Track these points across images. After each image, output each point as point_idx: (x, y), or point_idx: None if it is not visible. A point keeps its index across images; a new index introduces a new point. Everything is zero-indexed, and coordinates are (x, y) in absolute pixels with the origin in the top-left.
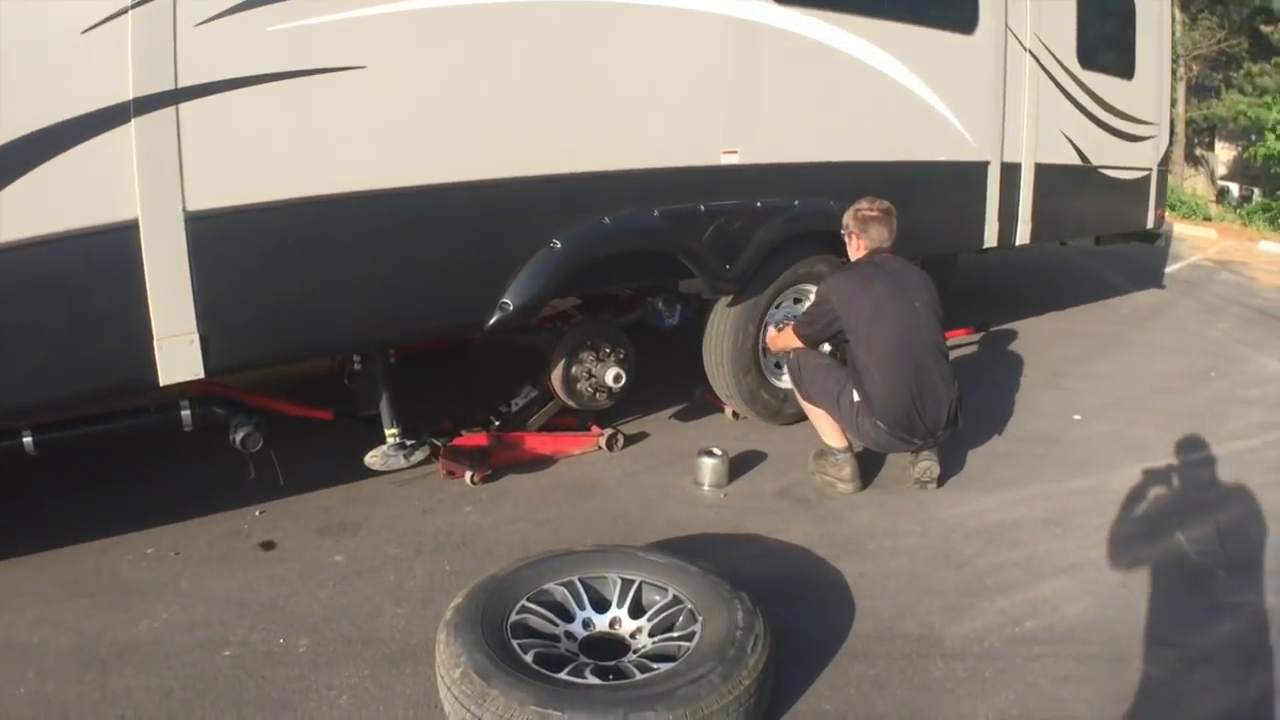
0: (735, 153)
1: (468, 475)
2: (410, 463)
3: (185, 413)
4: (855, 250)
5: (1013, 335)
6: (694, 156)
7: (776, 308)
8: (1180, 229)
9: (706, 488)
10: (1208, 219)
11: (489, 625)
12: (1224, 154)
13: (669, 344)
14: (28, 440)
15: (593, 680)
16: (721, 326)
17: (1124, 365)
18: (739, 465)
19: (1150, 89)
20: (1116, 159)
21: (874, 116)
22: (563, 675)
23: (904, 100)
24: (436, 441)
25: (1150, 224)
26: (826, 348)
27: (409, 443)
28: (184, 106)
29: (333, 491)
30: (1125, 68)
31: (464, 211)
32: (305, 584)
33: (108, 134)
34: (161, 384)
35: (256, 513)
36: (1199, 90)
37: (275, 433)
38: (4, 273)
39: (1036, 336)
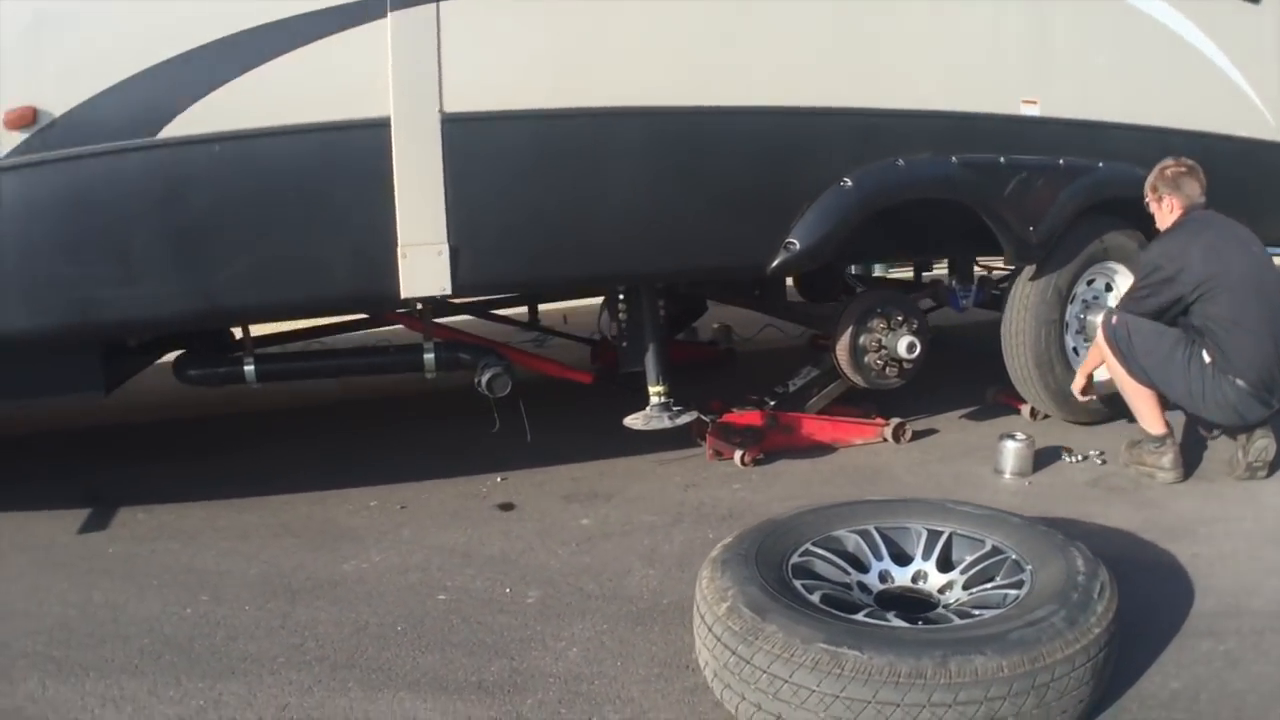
0: (1035, 103)
1: (737, 455)
2: (675, 424)
3: (429, 355)
4: (1169, 211)
5: None
6: (993, 103)
7: (1088, 284)
8: None
9: (1008, 475)
10: None
11: (765, 563)
12: None
13: (956, 348)
14: (249, 369)
15: (898, 623)
16: (1023, 308)
17: None
18: (1040, 459)
19: None
20: None
21: (1173, 80)
22: (859, 617)
23: (1201, 67)
24: (705, 418)
25: None
26: None
27: (675, 406)
28: (445, 3)
29: (584, 465)
30: None
31: (748, 138)
32: (544, 542)
33: (362, 26)
34: (403, 296)
35: (498, 479)
36: None
37: (527, 399)
38: (241, 160)
39: None
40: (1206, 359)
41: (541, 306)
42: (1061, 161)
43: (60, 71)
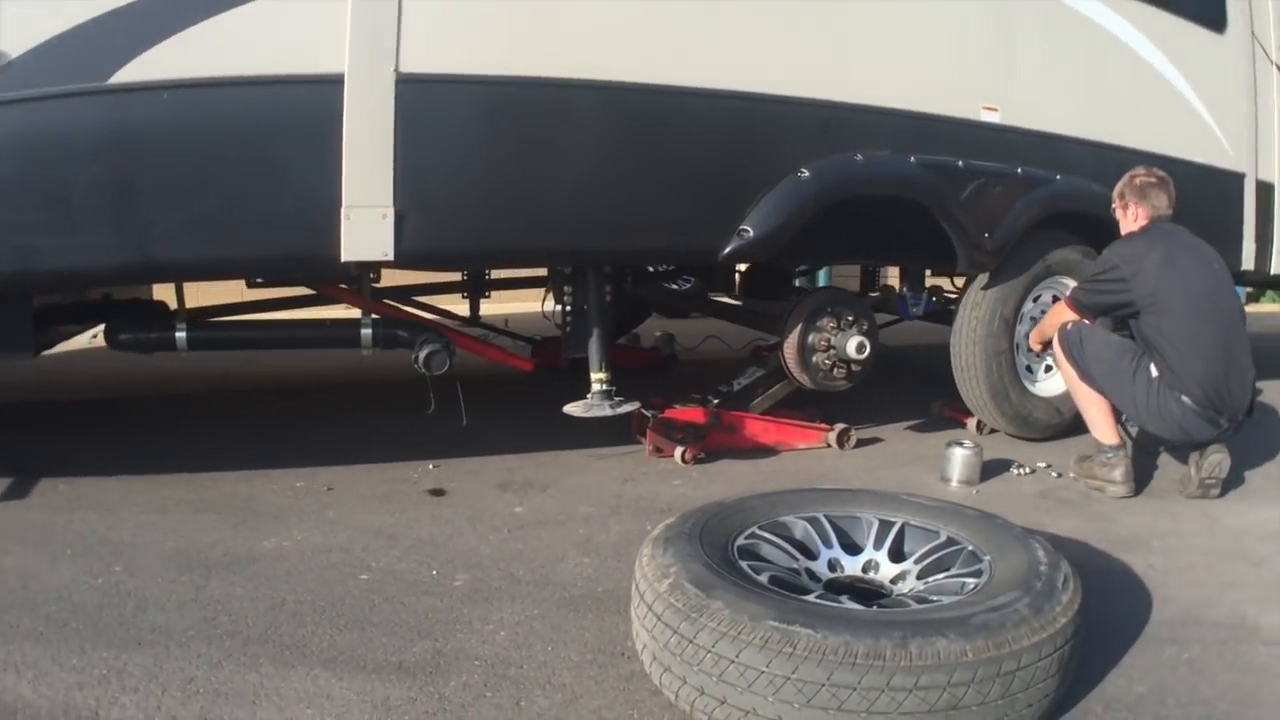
0: (995, 110)
1: (678, 452)
2: (617, 413)
3: (366, 331)
4: (1133, 220)
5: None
6: (954, 106)
7: (1034, 301)
8: None
9: (955, 483)
10: None
11: (709, 543)
12: None
13: (902, 363)
14: (180, 336)
15: (853, 606)
16: (973, 319)
17: None
18: (988, 470)
19: None
20: None
21: (1133, 100)
22: (811, 598)
23: (1162, 90)
24: (646, 412)
25: None
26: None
27: (618, 395)
28: None
29: (520, 456)
30: None
31: (709, 121)
32: (474, 528)
33: None
34: (343, 260)
35: (430, 466)
36: None
37: (465, 389)
38: (190, 109)
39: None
40: (1154, 372)
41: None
42: (1019, 170)
43: (21, 11)
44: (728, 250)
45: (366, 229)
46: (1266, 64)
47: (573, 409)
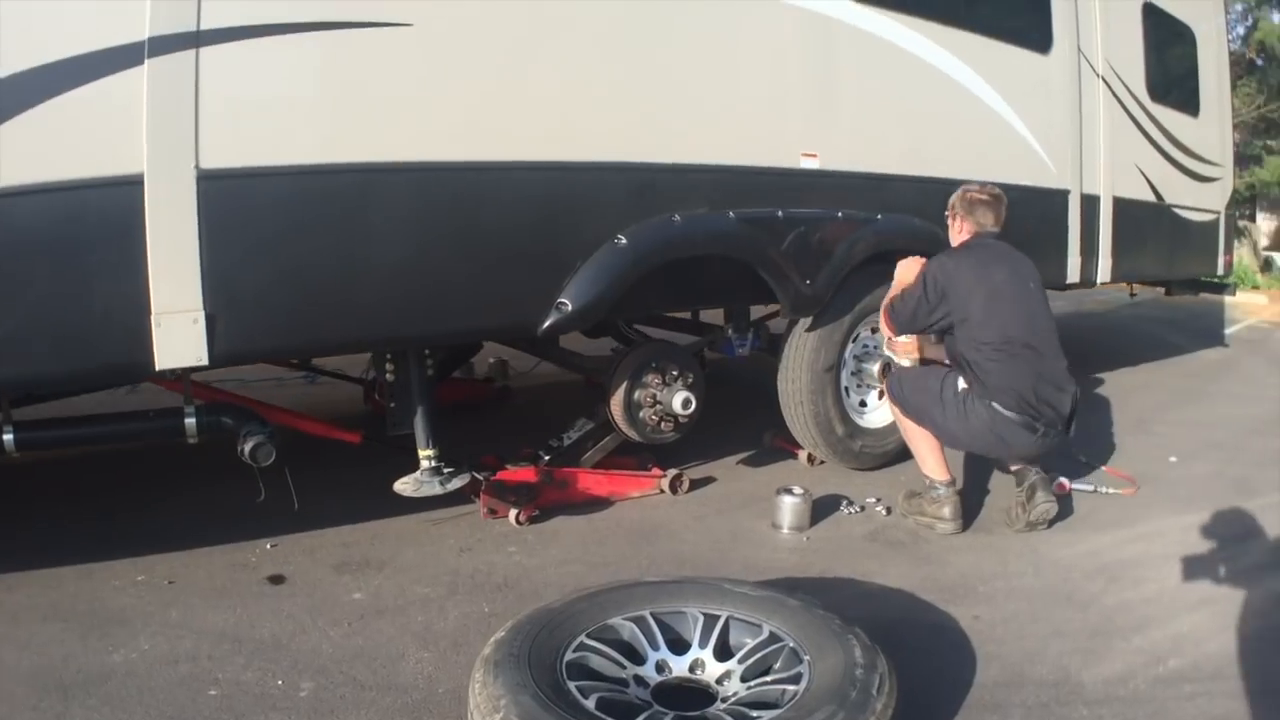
0: (815, 156)
1: (512, 514)
2: (447, 489)
3: (190, 420)
4: (958, 233)
5: (1090, 385)
6: (771, 156)
7: (853, 341)
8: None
9: (786, 530)
10: (1256, 287)
11: (538, 664)
12: (1265, 224)
13: (732, 386)
14: (8, 438)
15: None
16: (798, 358)
17: (1208, 412)
18: (819, 509)
19: (1214, 127)
20: (1187, 198)
21: (956, 131)
22: None
23: (985, 118)
24: (478, 475)
25: (1220, 269)
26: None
27: (446, 469)
28: (205, 51)
29: (356, 528)
30: (1191, 104)
31: (519, 195)
32: (315, 621)
33: (117, 75)
34: (158, 368)
35: (267, 546)
36: (1240, 160)
37: (294, 462)
38: None
39: (1114, 388)
40: (961, 385)
41: None
42: (840, 214)
43: None
44: (546, 325)
45: (178, 335)
46: (1092, 77)
47: (403, 488)
